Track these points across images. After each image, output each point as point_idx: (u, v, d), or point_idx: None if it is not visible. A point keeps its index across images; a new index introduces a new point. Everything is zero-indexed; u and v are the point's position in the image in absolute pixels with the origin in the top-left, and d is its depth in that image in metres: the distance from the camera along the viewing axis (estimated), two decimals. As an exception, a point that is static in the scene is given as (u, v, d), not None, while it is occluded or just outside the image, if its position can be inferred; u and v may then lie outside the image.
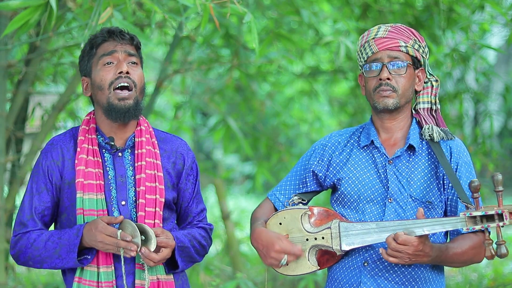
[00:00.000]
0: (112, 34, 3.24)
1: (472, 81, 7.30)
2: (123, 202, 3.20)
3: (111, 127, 3.26)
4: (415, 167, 3.23)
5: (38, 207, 3.22)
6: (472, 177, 3.21)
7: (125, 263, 3.15)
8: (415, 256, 3.00)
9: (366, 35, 3.31)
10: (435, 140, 3.24)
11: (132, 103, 3.19)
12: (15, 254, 3.23)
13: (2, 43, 4.81)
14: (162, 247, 3.12)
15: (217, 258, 8.68)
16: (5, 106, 5.00)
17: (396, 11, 6.31)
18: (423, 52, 3.28)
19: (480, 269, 8.26)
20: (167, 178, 3.28)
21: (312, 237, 3.19)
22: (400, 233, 2.98)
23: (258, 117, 7.98)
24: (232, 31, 6.46)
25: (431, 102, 3.33)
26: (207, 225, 3.41)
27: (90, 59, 3.25)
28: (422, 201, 3.19)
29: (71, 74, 6.25)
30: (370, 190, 3.23)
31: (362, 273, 3.18)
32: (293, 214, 3.25)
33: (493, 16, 6.73)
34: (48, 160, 3.25)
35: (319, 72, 8.10)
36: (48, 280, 7.61)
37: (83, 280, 3.15)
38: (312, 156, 3.40)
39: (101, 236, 3.06)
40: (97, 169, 3.20)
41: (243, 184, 17.44)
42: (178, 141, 3.38)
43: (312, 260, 3.20)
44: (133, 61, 3.23)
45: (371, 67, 3.25)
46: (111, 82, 3.18)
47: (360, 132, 3.37)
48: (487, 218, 2.96)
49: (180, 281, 3.30)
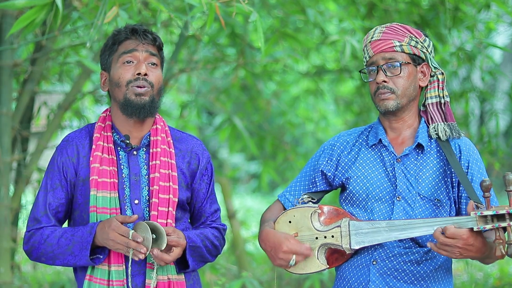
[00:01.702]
0: (135, 33, 3.23)
1: (478, 80, 7.29)
2: (136, 201, 3.19)
3: (127, 125, 3.25)
4: (423, 165, 3.23)
5: (52, 203, 3.22)
6: (484, 175, 3.21)
7: (136, 262, 3.15)
8: (466, 251, 2.97)
9: (366, 38, 3.32)
10: (442, 139, 3.24)
11: (148, 100, 3.18)
12: (28, 250, 3.23)
13: (8, 42, 4.82)
14: (173, 246, 3.12)
15: (223, 257, 8.68)
16: (11, 105, 5.00)
17: (402, 10, 6.31)
18: (422, 47, 3.26)
19: (486, 268, 8.24)
20: (181, 178, 3.28)
21: (322, 235, 3.19)
22: (449, 226, 2.96)
23: (263, 116, 7.97)
24: (238, 30, 6.46)
25: (439, 96, 3.31)
26: (220, 225, 3.40)
27: (111, 54, 3.24)
28: (431, 199, 3.18)
29: (77, 73, 6.27)
30: (379, 188, 3.23)
31: (371, 272, 3.18)
32: (303, 212, 3.24)
33: (499, 15, 6.72)
34: (63, 156, 3.25)
35: (324, 71, 8.10)
36: (54, 279, 7.62)
37: (94, 278, 3.15)
38: (321, 156, 3.40)
39: (113, 234, 3.05)
40: (112, 167, 3.20)
41: (248, 183, 17.47)
42: (194, 141, 3.37)
43: (321, 259, 3.20)
44: (153, 62, 3.22)
45: (369, 72, 3.27)
46: (129, 81, 3.18)
47: (369, 131, 3.36)
48: (498, 218, 2.94)
49: (192, 281, 3.30)
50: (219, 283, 6.17)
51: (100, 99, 6.63)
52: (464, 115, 6.70)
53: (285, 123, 8.57)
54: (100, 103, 6.77)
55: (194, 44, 6.84)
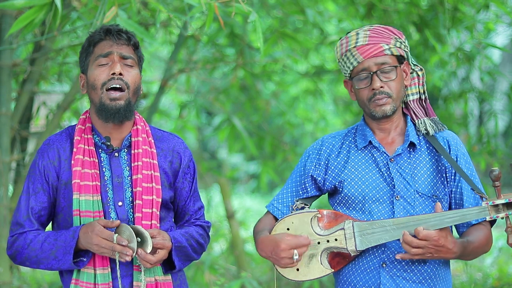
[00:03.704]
0: (109, 33, 3.20)
1: (477, 80, 7.30)
2: (120, 203, 3.18)
3: (106, 127, 3.23)
4: (417, 163, 3.23)
5: (34, 207, 3.20)
6: (471, 169, 3.23)
7: (123, 264, 3.13)
8: (437, 252, 3.00)
9: (345, 43, 3.26)
10: (430, 134, 3.24)
11: (123, 104, 3.15)
12: (12, 254, 3.22)
13: (7, 42, 4.82)
14: (159, 249, 3.10)
15: (222, 257, 8.68)
16: (10, 105, 5.00)
17: (401, 10, 6.31)
18: (405, 47, 3.26)
19: (485, 269, 8.25)
20: (163, 177, 3.26)
21: (324, 239, 3.17)
22: (419, 228, 2.97)
23: (263, 116, 7.98)
24: (237, 30, 6.46)
25: (419, 92, 3.32)
26: (204, 222, 3.39)
27: (87, 56, 3.22)
28: (429, 195, 3.19)
29: (76, 73, 6.26)
30: (375, 189, 3.22)
31: (381, 275, 3.16)
32: (302, 218, 3.22)
33: (498, 15, 6.72)
34: (44, 160, 3.22)
35: (324, 71, 8.10)
36: (53, 280, 7.61)
37: (80, 282, 3.14)
38: (308, 161, 3.37)
39: (97, 239, 3.03)
40: (93, 170, 3.18)
41: (248, 184, 17.46)
42: (175, 140, 3.35)
43: (324, 264, 3.18)
44: (128, 64, 3.19)
45: (360, 78, 3.22)
46: (103, 82, 3.15)
47: (354, 133, 3.35)
48: (508, 206, 2.98)
49: (178, 281, 3.29)
50: (218, 283, 6.17)
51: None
52: (463, 115, 6.70)
53: (284, 123, 8.57)
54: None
55: (193, 44, 6.84)
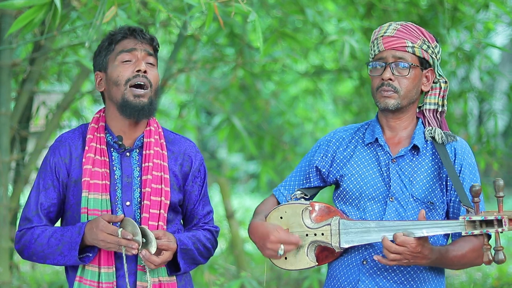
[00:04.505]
0: (133, 32, 3.23)
1: (477, 80, 7.29)
2: (128, 202, 3.19)
3: (121, 125, 3.24)
4: (418, 167, 3.22)
5: (44, 203, 3.22)
6: (475, 180, 3.20)
7: (127, 262, 3.14)
8: (414, 258, 2.99)
9: (377, 31, 3.28)
10: (437, 142, 3.23)
11: (147, 102, 3.18)
12: (19, 249, 3.24)
13: (6, 42, 4.82)
14: (163, 250, 3.11)
15: (222, 257, 8.69)
16: (9, 105, 5.00)
17: (401, 10, 6.31)
18: (432, 53, 3.25)
19: (485, 268, 8.25)
20: (173, 180, 3.27)
21: (312, 232, 3.18)
22: (398, 233, 2.97)
23: (262, 116, 7.97)
24: (237, 30, 6.46)
25: (438, 104, 3.31)
26: (213, 227, 3.39)
27: (107, 54, 3.23)
28: (424, 201, 3.17)
29: (76, 73, 6.26)
30: (372, 188, 3.22)
31: (361, 272, 3.17)
32: (294, 209, 3.23)
33: (497, 15, 6.72)
34: (56, 157, 3.24)
35: (323, 71, 8.10)
36: (52, 279, 7.62)
37: (84, 279, 3.15)
38: (317, 152, 3.39)
39: (102, 235, 3.05)
40: (104, 169, 3.19)
41: (247, 183, 17.47)
42: (187, 143, 3.36)
43: (310, 256, 3.19)
44: (150, 62, 3.22)
45: (375, 66, 3.23)
46: (128, 79, 3.16)
47: (365, 129, 3.35)
48: (487, 223, 2.93)
49: (183, 281, 3.29)
50: (217, 283, 6.17)
51: (98, 99, 6.62)
52: (462, 115, 6.70)
53: (284, 123, 8.56)
54: (98, 103, 6.77)
55: (193, 44, 6.84)
